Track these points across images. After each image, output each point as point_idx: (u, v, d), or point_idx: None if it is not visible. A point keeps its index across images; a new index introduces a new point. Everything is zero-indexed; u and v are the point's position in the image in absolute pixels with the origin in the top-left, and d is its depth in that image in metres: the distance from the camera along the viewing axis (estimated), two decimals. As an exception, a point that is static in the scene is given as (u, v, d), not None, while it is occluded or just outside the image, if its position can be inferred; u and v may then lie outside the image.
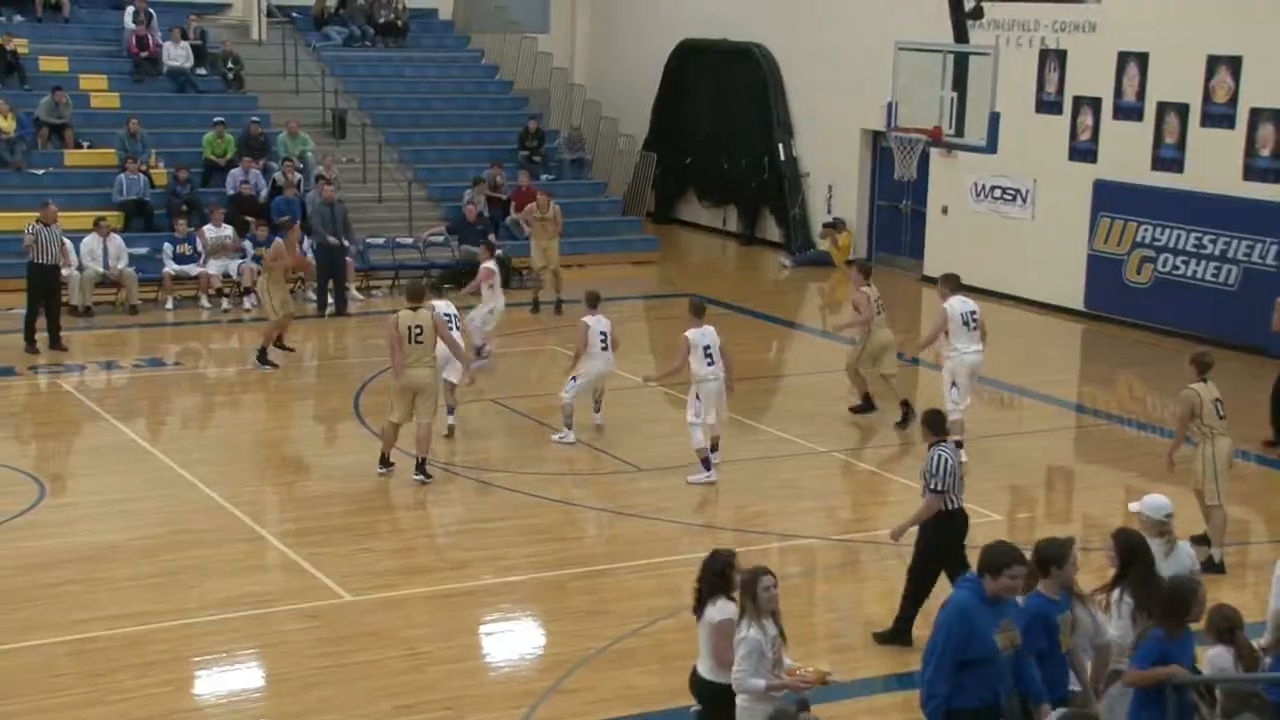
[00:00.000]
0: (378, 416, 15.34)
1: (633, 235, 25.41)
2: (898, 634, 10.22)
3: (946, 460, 9.83)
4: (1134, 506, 9.01)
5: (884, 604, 11.07)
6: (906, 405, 15.38)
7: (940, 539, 10.04)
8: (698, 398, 13.47)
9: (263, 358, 17.36)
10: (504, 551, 11.98)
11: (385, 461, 13.71)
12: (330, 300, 20.48)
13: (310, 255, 20.49)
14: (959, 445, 14.29)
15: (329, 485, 13.59)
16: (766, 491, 13.76)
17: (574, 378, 14.72)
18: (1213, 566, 11.54)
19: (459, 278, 21.90)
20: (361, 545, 12.02)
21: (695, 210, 28.21)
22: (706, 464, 13.60)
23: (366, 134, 24.47)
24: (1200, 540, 11.71)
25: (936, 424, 10.08)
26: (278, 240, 17.96)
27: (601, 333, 14.61)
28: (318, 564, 11.47)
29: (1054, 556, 7.70)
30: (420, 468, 13.49)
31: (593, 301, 14.95)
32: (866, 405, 15.83)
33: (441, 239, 22.51)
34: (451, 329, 13.96)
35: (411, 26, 28.28)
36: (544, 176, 25.52)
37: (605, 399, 15.42)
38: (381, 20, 27.85)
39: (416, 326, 13.26)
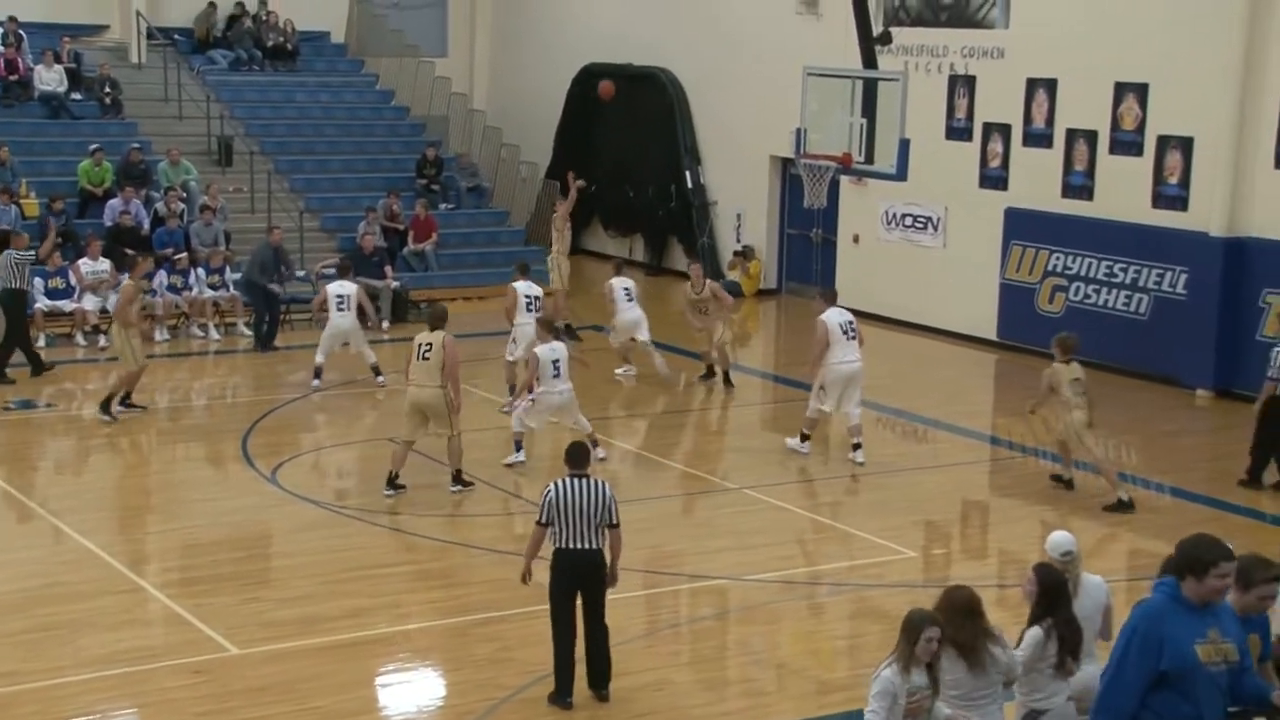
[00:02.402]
0: (268, 458, 14.97)
1: (536, 267, 24.75)
2: (560, 693, 9.64)
3: (549, 493, 9.46)
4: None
5: (798, 645, 10.92)
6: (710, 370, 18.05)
7: (555, 579, 9.54)
8: (533, 402, 14.42)
9: (106, 408, 16.20)
10: (402, 598, 11.58)
11: (392, 483, 13.73)
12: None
13: (225, 291, 20.41)
14: (804, 438, 15.17)
15: (215, 532, 13.01)
16: (677, 530, 13.48)
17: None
18: (1122, 506, 13.71)
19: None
20: (250, 595, 11.51)
21: (601, 240, 27.85)
22: (519, 445, 14.65)
23: (255, 162, 23.79)
24: (1114, 508, 13.74)
25: (574, 458, 9.62)
26: (126, 283, 16.69)
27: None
28: (202, 616, 10.95)
29: (1242, 570, 7.03)
30: (457, 479, 13.84)
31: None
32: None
33: (335, 271, 21.83)
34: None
35: (302, 50, 27.63)
36: (443, 206, 25.01)
37: (505, 437, 14.90)
38: (270, 43, 27.15)
39: (426, 344, 13.48)
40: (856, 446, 15.07)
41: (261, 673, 10.05)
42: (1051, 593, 7.71)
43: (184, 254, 20.86)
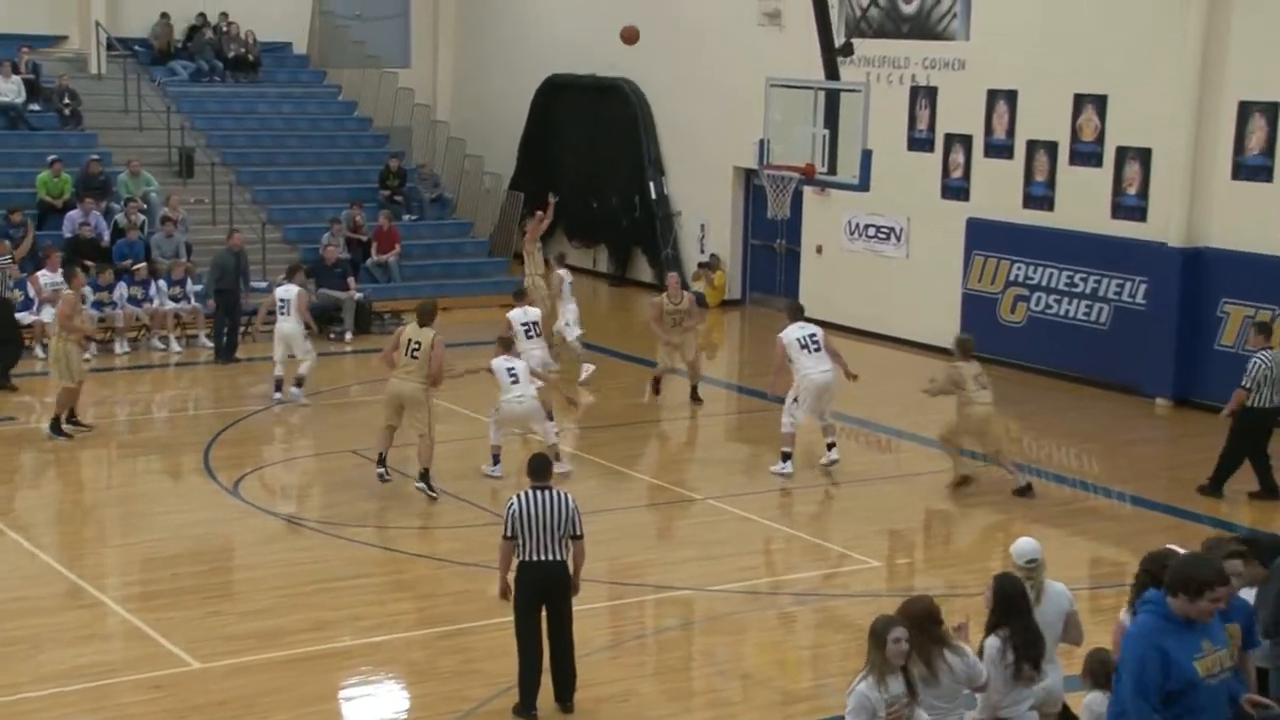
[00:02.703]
0: (230, 470, 14.90)
1: (500, 277, 24.89)
2: (524, 705, 9.58)
3: (511, 506, 9.40)
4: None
5: (762, 656, 10.91)
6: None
7: (519, 591, 9.49)
8: (497, 410, 14.59)
9: (56, 428, 15.91)
10: (365, 610, 11.47)
11: (383, 462, 14.22)
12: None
13: (187, 303, 20.38)
14: (786, 457, 15.06)
15: (177, 545, 12.90)
16: (642, 541, 13.46)
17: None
18: (965, 481, 14.75)
19: (319, 322, 21.34)
20: (212, 608, 11.42)
21: (564, 250, 27.69)
22: (496, 459, 14.73)
23: (216, 173, 23.70)
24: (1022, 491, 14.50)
25: (536, 470, 9.56)
26: (67, 293, 16.38)
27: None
28: (163, 630, 10.84)
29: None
30: (423, 478, 13.98)
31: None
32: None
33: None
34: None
35: (264, 61, 27.50)
36: (406, 217, 24.92)
37: (470, 448, 14.93)
38: (231, 54, 27.01)
39: (415, 342, 13.88)
40: (831, 445, 15.11)
41: (222, 687, 9.96)
42: (1006, 601, 7.72)
43: (143, 265, 20.73)
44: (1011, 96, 19.88)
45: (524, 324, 16.53)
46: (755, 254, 24.64)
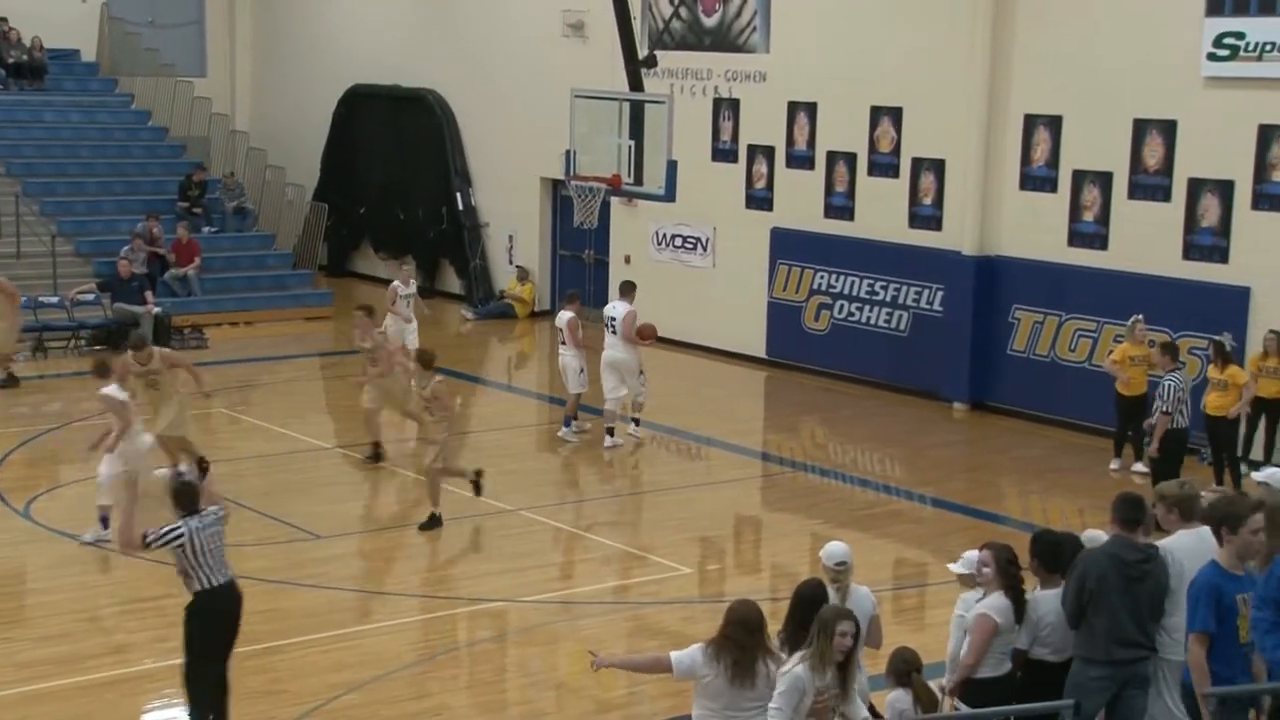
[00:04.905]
0: (20, 492, 14.35)
1: (305, 290, 24.48)
2: None
3: (181, 538, 8.84)
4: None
5: (576, 666, 10.86)
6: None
7: (208, 624, 8.98)
8: None
9: None
10: (167, 632, 10.89)
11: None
12: None
13: None
14: (610, 432, 16.28)
15: (-38, 571, 12.33)
16: (453, 554, 13.33)
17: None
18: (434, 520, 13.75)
19: (113, 338, 20.69)
20: (3, 635, 11.03)
21: (371, 262, 27.45)
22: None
23: (1, 184, 22.75)
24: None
25: (185, 499, 9.05)
26: None
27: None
28: (-50, 660, 10.41)
29: (1226, 516, 6.89)
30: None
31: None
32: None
33: (92, 297, 21.08)
34: None
35: (50, 68, 26.59)
36: (206, 229, 24.31)
37: (275, 463, 14.51)
38: (12, 60, 26.03)
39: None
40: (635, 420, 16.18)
41: (17, 715, 9.63)
42: (798, 602, 7.78)
43: None
44: (811, 109, 20.28)
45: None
46: (564, 265, 24.67)
